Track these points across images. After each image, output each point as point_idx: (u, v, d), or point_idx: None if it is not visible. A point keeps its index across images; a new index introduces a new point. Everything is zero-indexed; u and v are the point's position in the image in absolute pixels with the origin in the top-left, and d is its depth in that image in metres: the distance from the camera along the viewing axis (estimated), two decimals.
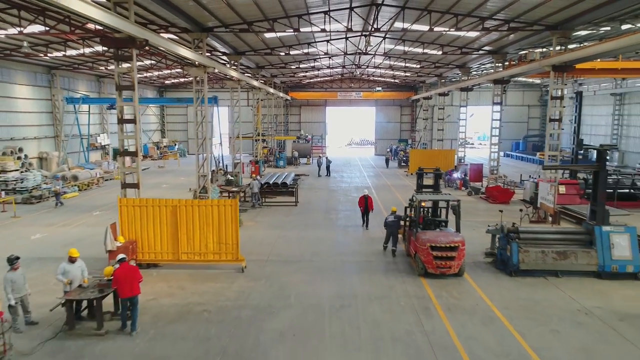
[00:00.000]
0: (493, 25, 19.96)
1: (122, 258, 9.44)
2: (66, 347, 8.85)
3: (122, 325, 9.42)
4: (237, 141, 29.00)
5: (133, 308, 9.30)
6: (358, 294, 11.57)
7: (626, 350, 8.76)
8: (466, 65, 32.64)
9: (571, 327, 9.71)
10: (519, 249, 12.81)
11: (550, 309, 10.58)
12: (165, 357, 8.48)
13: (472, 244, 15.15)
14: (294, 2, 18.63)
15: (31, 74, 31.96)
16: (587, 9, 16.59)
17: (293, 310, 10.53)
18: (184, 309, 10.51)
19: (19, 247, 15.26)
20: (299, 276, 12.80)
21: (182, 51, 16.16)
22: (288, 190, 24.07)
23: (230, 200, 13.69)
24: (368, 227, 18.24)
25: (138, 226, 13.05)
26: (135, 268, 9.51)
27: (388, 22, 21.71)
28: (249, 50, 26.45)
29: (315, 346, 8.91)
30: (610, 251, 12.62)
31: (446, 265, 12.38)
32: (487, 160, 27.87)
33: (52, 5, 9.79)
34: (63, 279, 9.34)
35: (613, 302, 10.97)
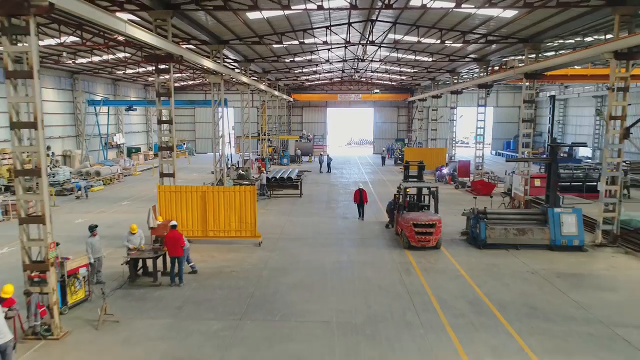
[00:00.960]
0: (473, 38, 22.82)
1: (173, 225, 12.29)
2: (131, 293, 11.68)
3: (171, 280, 12.25)
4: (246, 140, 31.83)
5: (179, 265, 12.14)
6: (353, 260, 14.42)
7: (554, 294, 11.59)
8: (456, 70, 35.50)
9: (518, 281, 12.55)
10: (486, 227, 15.65)
11: (504, 270, 13.42)
12: (208, 299, 11.31)
13: (452, 227, 18.03)
14: (300, 19, 21.45)
15: (56, 78, 34.88)
16: (550, 26, 19.41)
17: (301, 271, 13.36)
18: (216, 271, 13.35)
19: (67, 229, 18.11)
20: (305, 249, 15.64)
21: (206, 62, 19.04)
22: (293, 184, 26.90)
23: (249, 187, 16.54)
24: (364, 218, 20.08)
25: (173, 208, 15.90)
26: (180, 235, 12.34)
27: (382, 35, 24.57)
28: (257, 58, 29.32)
29: (319, 293, 11.75)
30: (560, 228, 15.45)
31: (426, 239, 15.22)
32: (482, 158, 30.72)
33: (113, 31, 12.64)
34: (129, 244, 12.19)
35: (556, 266, 13.80)
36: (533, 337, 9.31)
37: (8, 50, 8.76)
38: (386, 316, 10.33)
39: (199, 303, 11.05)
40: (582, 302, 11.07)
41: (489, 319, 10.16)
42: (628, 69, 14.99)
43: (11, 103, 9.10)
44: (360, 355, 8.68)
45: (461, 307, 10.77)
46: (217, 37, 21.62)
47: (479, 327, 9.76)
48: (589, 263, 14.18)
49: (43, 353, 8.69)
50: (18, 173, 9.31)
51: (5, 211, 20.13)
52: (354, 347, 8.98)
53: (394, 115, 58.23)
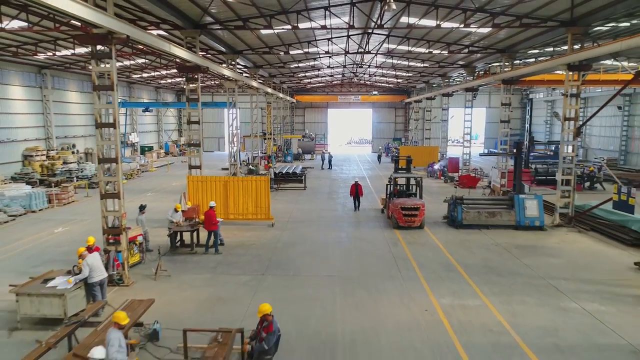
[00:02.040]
0: (457, 48, 25.84)
1: (212, 205, 15.33)
2: (174, 259, 14.72)
3: (205, 249, 15.28)
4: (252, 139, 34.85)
5: (214, 237, 15.18)
6: (351, 237, 17.47)
7: (509, 259, 14.62)
8: (447, 75, 38.56)
9: (483, 251, 15.58)
10: (463, 210, 18.69)
11: (474, 244, 16.44)
12: (236, 262, 14.34)
13: (437, 213, 21.04)
14: (305, 33, 24.01)
15: (79, 82, 37.92)
16: (522, 40, 22.46)
17: (308, 244, 16.39)
18: (239, 244, 16.38)
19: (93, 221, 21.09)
20: (311, 229, 18.68)
21: (226, 72, 22.07)
22: (298, 178, 29.94)
23: (263, 177, 19.58)
24: (359, 209, 22.52)
25: (200, 194, 18.93)
26: (214, 213, 15.35)
27: (378, 44, 27.54)
28: (266, 64, 32.34)
29: (323, 258, 14.78)
30: (524, 211, 18.46)
31: (411, 220, 18.26)
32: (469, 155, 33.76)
33: (161, 51, 15.59)
34: (172, 219, 15.23)
35: (517, 240, 16.83)
36: (486, 285, 12.35)
37: (95, 70, 11.76)
38: (375, 272, 13.38)
39: (229, 264, 14.10)
40: (530, 264, 14.11)
41: (454, 274, 13.20)
42: (579, 79, 18.01)
43: (97, 109, 12.06)
44: (355, 295, 11.71)
45: (434, 267, 13.81)
46: (232, 48, 24.61)
47: (446, 279, 12.80)
48: (544, 238, 17.22)
49: (120, 294, 11.71)
50: (100, 161, 12.31)
51: (49, 200, 23.16)
52: (351, 290, 12.02)
53: (391, 115, 61.28)
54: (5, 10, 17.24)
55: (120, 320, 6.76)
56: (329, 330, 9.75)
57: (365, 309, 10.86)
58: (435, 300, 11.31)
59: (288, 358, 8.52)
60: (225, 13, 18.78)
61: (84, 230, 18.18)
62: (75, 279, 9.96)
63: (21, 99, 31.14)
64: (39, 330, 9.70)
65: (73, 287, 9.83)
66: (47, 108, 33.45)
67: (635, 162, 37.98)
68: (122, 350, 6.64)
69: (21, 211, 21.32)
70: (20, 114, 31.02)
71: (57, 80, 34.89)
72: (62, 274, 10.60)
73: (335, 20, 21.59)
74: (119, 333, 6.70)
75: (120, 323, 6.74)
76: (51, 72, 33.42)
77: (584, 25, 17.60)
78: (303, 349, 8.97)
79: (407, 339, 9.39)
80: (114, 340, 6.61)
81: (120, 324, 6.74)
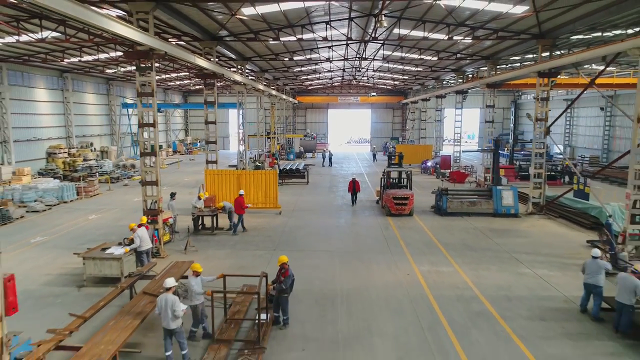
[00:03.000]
0: (446, 55, 28.39)
1: (241, 193, 17.94)
2: (198, 238, 17.29)
3: (234, 230, 17.81)
4: (258, 138, 37.39)
5: (241, 220, 17.78)
6: (349, 222, 20.04)
7: (483, 239, 17.19)
8: (440, 78, 41.10)
9: (462, 233, 18.15)
10: (447, 200, 21.26)
11: (455, 228, 19.01)
12: (251, 241, 16.90)
13: (426, 203, 23.59)
14: (307, 42, 26.82)
15: (95, 85, 40.51)
16: (502, 49, 25.01)
17: (312, 228, 18.96)
18: (252, 227, 18.94)
19: (129, 205, 23.74)
20: (313, 216, 21.25)
21: (237, 77, 24.60)
22: (301, 174, 32.52)
23: (271, 170, 22.15)
24: (356, 204, 24.52)
25: (216, 186, 21.50)
26: (243, 199, 17.94)
27: (374, 51, 30.08)
28: (271, 69, 34.91)
29: (325, 239, 17.34)
30: (501, 201, 21.03)
31: (402, 208, 20.83)
32: (459, 153, 36.37)
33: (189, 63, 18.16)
34: (196, 205, 17.80)
35: (492, 225, 19.39)
36: (459, 257, 14.92)
37: (138, 80, 14.31)
38: (368, 249, 15.97)
39: (245, 242, 16.69)
40: (500, 242, 16.69)
41: (434, 250, 15.78)
42: (549, 84, 20.58)
43: (140, 111, 14.60)
44: (351, 264, 14.29)
45: (418, 245, 16.39)
46: (242, 55, 27.17)
47: (427, 253, 15.38)
48: (517, 224, 19.80)
49: (158, 264, 14.29)
50: (142, 155, 14.87)
51: (78, 192, 25.73)
52: (348, 261, 14.59)
53: (389, 115, 63.86)
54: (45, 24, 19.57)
55: (197, 269, 9.24)
56: (329, 287, 12.32)
57: (359, 274, 13.45)
58: (416, 268, 13.89)
59: (298, 307, 11.05)
60: (239, 27, 21.30)
61: (114, 217, 20.81)
62: (130, 247, 12.54)
63: (45, 100, 33.74)
64: (100, 286, 12.27)
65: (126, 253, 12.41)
66: (68, 109, 36.04)
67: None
68: (200, 290, 9.11)
69: (55, 201, 23.90)
70: (44, 114, 33.62)
71: (77, 83, 37.48)
72: (115, 244, 13.18)
73: (335, 32, 23.88)
74: (197, 279, 9.19)
75: (197, 271, 9.21)
76: (72, 75, 36.00)
77: (552, 37, 20.17)
78: (310, 301, 11.52)
79: (391, 293, 11.96)
80: (195, 283, 9.10)
81: (197, 272, 9.22)
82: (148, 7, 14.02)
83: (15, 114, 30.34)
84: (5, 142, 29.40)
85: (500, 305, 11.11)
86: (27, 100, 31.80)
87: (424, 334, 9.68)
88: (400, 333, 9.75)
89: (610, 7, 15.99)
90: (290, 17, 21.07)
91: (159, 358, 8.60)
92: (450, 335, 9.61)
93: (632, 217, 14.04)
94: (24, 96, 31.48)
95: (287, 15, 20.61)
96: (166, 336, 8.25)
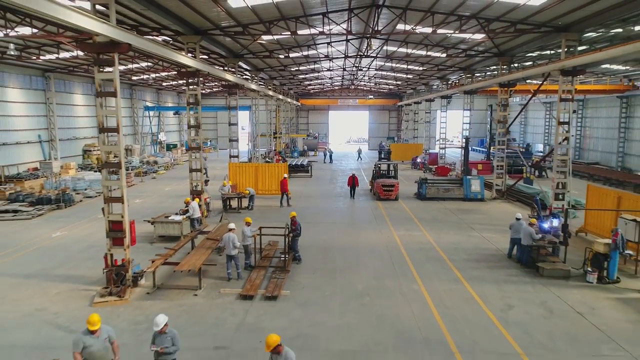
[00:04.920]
0: (429, 67, 33.21)
1: (285, 176, 22.85)
2: (228, 215, 22.12)
3: (280, 204, 22.65)
4: (268, 137, 42.22)
5: (286, 197, 22.70)
6: (347, 206, 24.90)
7: (450, 215, 22.02)
8: (429, 84, 45.93)
9: (435, 212, 22.97)
10: (427, 187, 26.08)
11: (430, 208, 23.83)
12: (268, 217, 21.70)
13: (411, 192, 28.42)
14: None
15: (123, 90, 45.39)
16: (473, 63, 29.83)
17: (316, 208, 23.79)
18: (269, 208, 23.73)
19: (163, 192, 28.60)
20: (317, 201, 26.08)
21: (253, 86, 29.37)
22: (305, 169, 37.36)
23: (283, 163, 26.98)
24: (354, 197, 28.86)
25: (238, 176, 26.32)
26: (287, 181, 22.84)
27: (371, 61, 34.81)
28: (279, 76, 39.75)
29: (326, 215, 22.18)
30: (469, 188, 25.84)
31: (389, 194, 25.66)
32: (444, 150, 41.22)
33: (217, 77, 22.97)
34: (223, 191, 22.63)
35: (460, 207, 24.21)
36: (428, 226, 19.74)
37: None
38: (360, 222, 20.82)
39: (264, 217, 21.50)
40: (462, 218, 21.52)
41: (410, 222, 20.61)
42: (508, 93, 25.41)
43: (188, 115, 19.42)
44: (346, 230, 19.13)
45: (399, 219, 21.22)
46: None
47: (404, 224, 20.20)
48: (481, 206, 24.63)
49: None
50: (189, 149, 19.67)
51: None
52: (344, 229, 19.43)
53: (385, 117, 68.71)
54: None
55: (249, 220, 14.07)
56: (330, 242, 17.16)
57: (352, 236, 18.29)
58: (394, 232, 18.75)
59: (308, 253, 15.82)
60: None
61: (155, 201, 25.64)
62: (187, 215, 17.39)
63: (82, 105, 38.63)
64: (165, 242, 17.09)
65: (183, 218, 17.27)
66: None
67: (586, 157, 45.37)
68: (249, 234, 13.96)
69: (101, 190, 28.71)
70: (81, 117, 38.52)
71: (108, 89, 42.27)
72: (173, 213, 18.02)
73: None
74: (248, 228, 14.01)
75: (248, 222, 14.04)
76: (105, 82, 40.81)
77: (510, 55, 24.97)
78: (316, 250, 16.32)
79: (374, 246, 16.78)
80: (247, 230, 13.94)
81: (249, 222, 14.04)
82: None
83: (60, 117, 35.20)
84: (52, 141, 34.28)
85: (449, 253, 15.96)
86: (68, 105, 36.68)
87: (394, 267, 14.52)
88: (378, 266, 14.58)
89: (543, 38, 20.77)
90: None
91: (223, 275, 13.43)
92: (410, 267, 14.45)
93: (555, 195, 18.88)
94: (66, 101, 36.36)
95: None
96: (228, 260, 13.10)
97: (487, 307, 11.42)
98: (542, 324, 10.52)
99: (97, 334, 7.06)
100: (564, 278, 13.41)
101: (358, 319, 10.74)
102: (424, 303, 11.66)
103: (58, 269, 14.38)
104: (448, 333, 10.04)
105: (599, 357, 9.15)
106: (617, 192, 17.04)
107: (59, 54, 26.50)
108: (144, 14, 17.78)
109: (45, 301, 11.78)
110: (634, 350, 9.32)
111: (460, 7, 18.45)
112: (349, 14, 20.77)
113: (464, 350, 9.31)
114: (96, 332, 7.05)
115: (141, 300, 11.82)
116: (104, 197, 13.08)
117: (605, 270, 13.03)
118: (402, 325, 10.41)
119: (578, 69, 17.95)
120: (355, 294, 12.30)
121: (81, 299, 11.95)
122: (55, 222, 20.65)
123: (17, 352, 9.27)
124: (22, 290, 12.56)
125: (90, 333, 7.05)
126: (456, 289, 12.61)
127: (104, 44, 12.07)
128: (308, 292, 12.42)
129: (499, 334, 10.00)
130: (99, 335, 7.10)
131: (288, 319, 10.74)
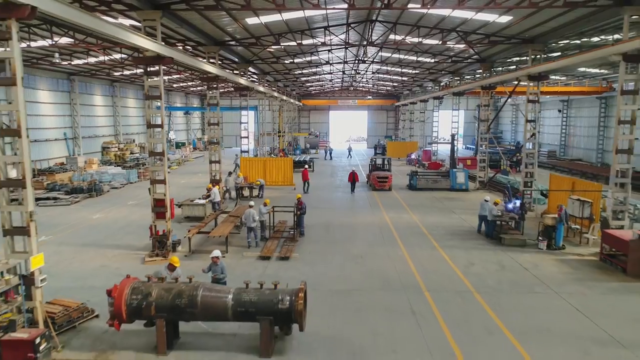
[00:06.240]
0: (420, 70, 36.30)
1: (306, 167, 26.02)
2: (240, 202, 25.24)
3: (303, 191, 25.80)
4: (273, 136, 45.31)
5: (308, 185, 25.85)
6: (347, 196, 28.02)
7: (436, 202, 25.14)
8: (423, 86, 49.06)
9: (423, 199, 26.09)
10: (417, 179, 29.20)
11: (419, 197, 26.95)
12: (273, 203, 24.83)
13: (403, 184, 31.55)
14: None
15: (135, 91, 48.57)
16: (461, 67, 32.92)
17: (318, 199, 26.87)
18: (277, 197, 26.82)
19: (180, 183, 31.73)
20: (319, 191, 29.19)
21: (261, 89, 32.41)
22: (308, 164, 40.43)
23: (288, 157, 30.12)
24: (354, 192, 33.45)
25: (249, 169, 29.44)
26: (307, 172, 26.02)
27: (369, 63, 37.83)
28: (283, 79, 42.85)
29: (328, 203, 25.30)
30: (455, 179, 28.94)
31: (383, 185, 28.78)
32: (437, 147, 44.34)
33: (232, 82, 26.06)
34: (237, 181, 25.75)
35: (446, 196, 27.32)
36: (415, 210, 22.85)
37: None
38: (357, 207, 23.95)
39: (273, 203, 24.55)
40: (447, 204, 24.64)
41: (401, 207, 23.73)
42: (490, 95, 28.49)
43: (208, 115, 22.52)
44: (345, 213, 22.26)
45: (391, 205, 24.34)
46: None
47: (395, 209, 23.33)
48: (464, 195, 27.74)
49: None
50: (209, 144, 22.82)
51: (138, 175, 33.68)
52: (342, 212, 22.56)
53: (383, 116, 71.84)
54: None
55: (267, 202, 17.25)
56: (330, 222, 20.28)
57: (349, 217, 21.41)
58: (386, 215, 21.88)
59: (312, 229, 18.91)
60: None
61: (174, 191, 28.55)
62: (209, 199, 20.51)
63: (101, 105, 41.79)
64: (191, 222, 20.19)
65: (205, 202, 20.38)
66: (117, 112, 44.09)
67: (570, 154, 48.49)
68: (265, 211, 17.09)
69: (124, 182, 31.88)
70: (100, 116, 41.68)
71: (122, 91, 45.55)
72: (197, 198, 21.14)
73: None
74: (265, 207, 17.14)
75: (266, 203, 17.23)
76: (120, 84, 44.06)
77: (490, 62, 28.07)
78: (319, 227, 19.42)
79: (369, 225, 19.90)
80: (264, 208, 17.07)
81: (266, 203, 17.22)
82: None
83: (82, 116, 38.35)
84: (76, 138, 37.43)
85: (430, 229, 19.08)
86: (89, 105, 39.83)
87: (383, 239, 17.64)
88: (370, 238, 17.71)
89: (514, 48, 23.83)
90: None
91: (244, 244, 16.56)
92: (397, 239, 17.57)
93: (524, 183, 22.01)
94: (87, 102, 39.51)
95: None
96: (248, 231, 16.23)
97: (454, 264, 14.55)
98: (494, 274, 13.65)
99: (174, 271, 10.25)
100: (520, 246, 16.53)
101: (353, 272, 13.88)
102: (405, 262, 14.79)
103: (107, 240, 17.52)
104: (421, 280, 13.16)
105: (532, 293, 12.27)
106: (572, 179, 20.19)
107: (87, 59, 29.68)
108: (177, 30, 21.22)
109: (106, 261, 14.92)
110: (559, 289, 12.44)
111: (441, 22, 21.59)
112: (347, 27, 23.90)
113: (431, 289, 12.43)
114: (175, 269, 10.23)
115: (182, 261, 14.91)
116: (150, 179, 16.07)
117: (553, 239, 16.14)
118: (387, 275, 13.54)
119: (543, 75, 21.06)
120: (352, 256, 15.43)
121: (134, 259, 15.09)
122: (92, 207, 23.79)
123: (96, 291, 12.39)
124: (84, 254, 15.69)
125: (167, 269, 10.21)
126: (432, 254, 15.73)
127: (153, 58, 15.14)
128: (313, 255, 15.55)
129: (459, 280, 13.13)
130: (174, 272, 10.28)
131: (299, 272, 13.86)
